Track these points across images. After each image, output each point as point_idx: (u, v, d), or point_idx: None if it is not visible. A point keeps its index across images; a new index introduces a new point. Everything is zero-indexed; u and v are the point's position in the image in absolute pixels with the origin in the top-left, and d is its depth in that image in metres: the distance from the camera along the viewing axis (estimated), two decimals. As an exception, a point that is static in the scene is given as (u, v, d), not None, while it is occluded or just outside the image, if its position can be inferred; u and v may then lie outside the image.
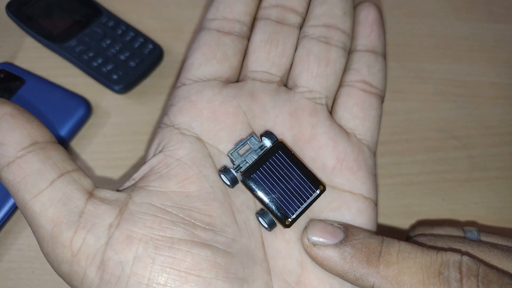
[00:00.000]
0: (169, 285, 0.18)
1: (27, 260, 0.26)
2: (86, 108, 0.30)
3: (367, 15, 0.27)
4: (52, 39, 0.32)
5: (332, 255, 0.19)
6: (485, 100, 0.34)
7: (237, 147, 0.21)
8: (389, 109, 0.33)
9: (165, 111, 0.24)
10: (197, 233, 0.19)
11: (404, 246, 0.19)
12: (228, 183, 0.21)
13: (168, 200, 0.20)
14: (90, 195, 0.19)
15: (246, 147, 0.22)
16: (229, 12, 0.26)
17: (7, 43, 0.33)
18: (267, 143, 0.22)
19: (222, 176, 0.21)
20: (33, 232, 0.19)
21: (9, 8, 0.33)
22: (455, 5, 0.38)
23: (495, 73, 0.35)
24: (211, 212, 0.20)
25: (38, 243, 0.19)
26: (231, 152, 0.21)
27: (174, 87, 0.25)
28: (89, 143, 0.30)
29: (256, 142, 0.22)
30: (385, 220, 0.30)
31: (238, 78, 0.25)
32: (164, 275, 0.18)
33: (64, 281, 0.19)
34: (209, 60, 0.24)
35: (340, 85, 0.25)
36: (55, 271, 0.19)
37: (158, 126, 0.23)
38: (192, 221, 0.19)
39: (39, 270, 0.26)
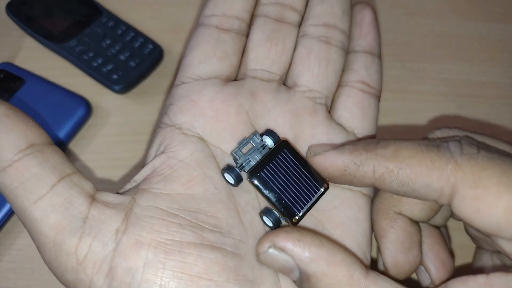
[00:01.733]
0: None
1: (27, 260, 0.26)
2: (86, 108, 0.30)
3: (364, 16, 0.27)
4: (52, 39, 0.32)
5: (332, 154, 0.20)
6: (485, 100, 0.34)
7: (240, 145, 0.21)
8: (389, 109, 0.33)
9: (164, 110, 0.23)
10: (205, 235, 0.19)
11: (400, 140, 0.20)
12: (232, 181, 0.21)
13: (173, 203, 0.19)
14: (93, 199, 0.18)
15: (249, 146, 0.22)
16: (228, 8, 0.25)
17: (7, 43, 0.33)
18: (269, 141, 0.22)
19: (226, 174, 0.21)
20: (33, 239, 0.18)
21: (9, 8, 0.33)
22: (455, 5, 0.38)
23: (495, 73, 0.35)
24: (217, 214, 0.20)
25: (39, 250, 0.18)
26: (234, 150, 0.21)
27: (173, 85, 0.25)
28: (89, 143, 0.30)
29: (258, 141, 0.22)
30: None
31: (236, 76, 0.25)
32: (176, 280, 0.17)
33: None
34: (209, 58, 0.24)
35: (339, 85, 0.26)
36: (58, 279, 0.18)
37: (158, 125, 0.23)
38: (200, 223, 0.19)
39: (39, 270, 0.26)
